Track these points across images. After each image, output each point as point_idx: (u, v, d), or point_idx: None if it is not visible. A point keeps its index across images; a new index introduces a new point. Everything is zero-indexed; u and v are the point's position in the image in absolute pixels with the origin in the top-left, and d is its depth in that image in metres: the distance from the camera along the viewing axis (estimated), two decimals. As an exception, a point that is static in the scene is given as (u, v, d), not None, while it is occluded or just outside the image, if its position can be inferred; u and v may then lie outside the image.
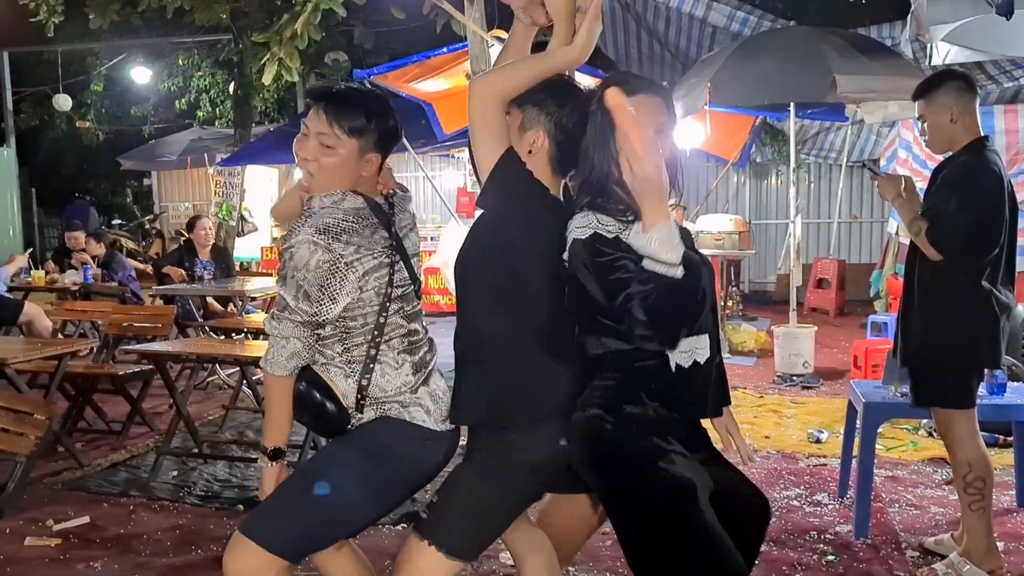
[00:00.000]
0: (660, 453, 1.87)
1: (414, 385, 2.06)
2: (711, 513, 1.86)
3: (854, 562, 3.21)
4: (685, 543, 1.84)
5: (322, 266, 1.93)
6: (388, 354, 2.04)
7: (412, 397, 2.04)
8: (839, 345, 7.86)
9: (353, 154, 2.01)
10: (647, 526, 1.88)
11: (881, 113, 6.73)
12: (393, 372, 2.03)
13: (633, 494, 1.89)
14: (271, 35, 7.87)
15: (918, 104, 3.05)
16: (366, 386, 2.02)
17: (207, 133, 14.37)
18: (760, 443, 4.79)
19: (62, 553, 3.35)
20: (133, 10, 10.06)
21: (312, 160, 2.01)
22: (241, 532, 1.98)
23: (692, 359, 1.92)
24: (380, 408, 2.04)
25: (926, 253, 2.91)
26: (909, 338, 3.06)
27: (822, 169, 12.10)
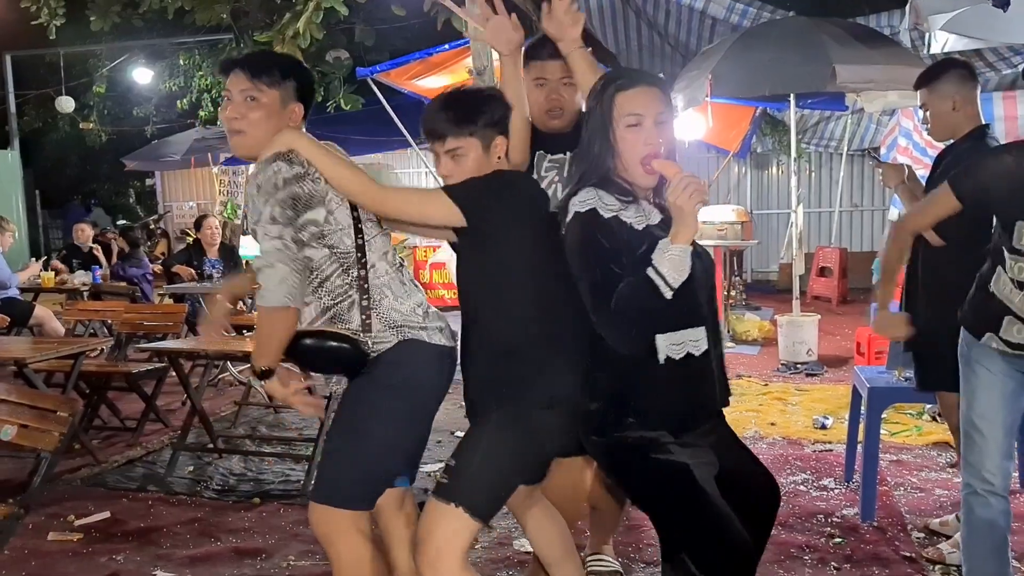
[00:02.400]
0: (653, 446, 1.93)
1: (424, 305, 2.19)
2: (713, 492, 1.94)
3: (861, 544, 3.28)
4: (687, 520, 1.93)
5: (291, 180, 2.03)
6: (393, 278, 2.17)
7: (426, 318, 2.17)
8: (842, 333, 7.92)
9: (276, 104, 2.13)
10: (654, 508, 2.02)
11: (881, 102, 6.78)
12: (404, 294, 2.17)
13: (636, 482, 2.01)
14: (273, 34, 7.90)
15: (920, 93, 3.09)
16: (368, 307, 2.12)
17: (210, 132, 14.40)
18: (766, 430, 4.85)
19: (85, 547, 3.42)
20: (134, 11, 10.09)
21: (240, 118, 2.11)
22: (311, 499, 2.14)
23: (684, 351, 1.93)
24: (400, 332, 2.14)
25: (929, 239, 2.95)
26: (915, 323, 3.10)
27: (823, 158, 12.14)
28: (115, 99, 16.09)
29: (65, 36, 10.98)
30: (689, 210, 1.80)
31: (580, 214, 1.91)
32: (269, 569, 3.19)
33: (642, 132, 1.93)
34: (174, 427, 5.11)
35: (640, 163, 1.94)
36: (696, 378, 1.97)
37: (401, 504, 2.39)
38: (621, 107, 1.94)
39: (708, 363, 1.98)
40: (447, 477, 2.08)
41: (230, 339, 5.22)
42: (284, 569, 3.18)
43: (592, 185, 1.95)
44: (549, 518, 2.44)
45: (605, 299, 1.85)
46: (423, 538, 2.08)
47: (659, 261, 1.82)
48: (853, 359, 6.42)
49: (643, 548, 3.25)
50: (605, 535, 2.96)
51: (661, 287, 1.81)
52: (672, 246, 1.82)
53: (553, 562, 2.45)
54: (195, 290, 6.45)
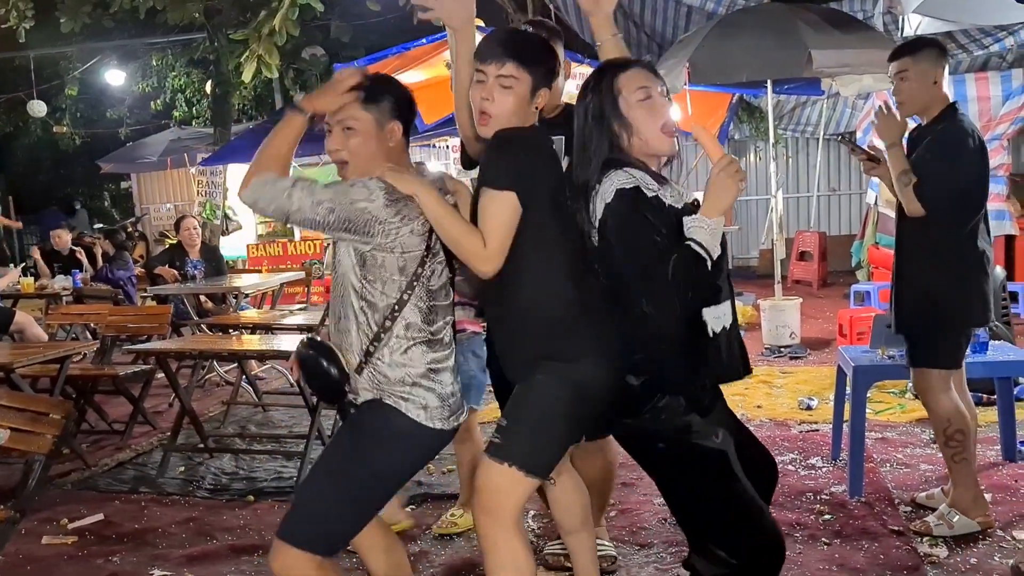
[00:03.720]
0: (687, 431, 2.00)
1: (417, 379, 2.10)
2: (743, 476, 2.01)
3: (850, 519, 3.34)
4: (726, 505, 1.98)
5: (363, 212, 2.01)
6: (401, 341, 2.08)
7: (412, 390, 2.09)
8: (823, 315, 8.01)
9: (372, 127, 2.10)
10: (690, 492, 2.06)
11: (856, 86, 6.85)
12: (401, 360, 2.08)
13: (674, 465, 2.06)
14: (249, 32, 7.88)
15: (902, 61, 3.03)
16: (372, 352, 2.08)
17: (186, 133, 14.32)
18: (753, 413, 4.91)
19: (80, 550, 3.42)
20: (104, 12, 10.02)
21: (341, 148, 2.11)
22: (278, 537, 2.09)
23: (722, 325, 2.04)
24: (380, 391, 2.10)
25: (908, 208, 2.98)
26: (903, 303, 3.14)
27: (800, 143, 12.24)
28: (88, 101, 15.94)
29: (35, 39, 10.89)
30: (731, 188, 1.91)
31: (625, 191, 1.96)
32: (266, 566, 3.19)
33: (656, 104, 2.03)
34: (162, 429, 5.10)
35: (660, 130, 2.02)
36: (727, 348, 2.06)
37: None
38: (627, 86, 2.01)
39: (734, 334, 2.09)
40: (499, 437, 2.11)
41: (216, 339, 5.22)
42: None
43: (623, 167, 2.00)
44: (573, 486, 2.49)
45: (661, 273, 1.90)
46: (479, 490, 2.12)
47: (696, 233, 1.91)
48: (835, 341, 6.50)
49: (636, 531, 3.29)
50: (595, 514, 2.94)
51: (704, 256, 1.90)
52: (703, 219, 1.92)
53: (569, 530, 2.50)
54: (181, 291, 6.43)
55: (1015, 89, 7.28)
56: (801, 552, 3.07)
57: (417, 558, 3.14)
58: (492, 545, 2.11)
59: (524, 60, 2.10)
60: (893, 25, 7.27)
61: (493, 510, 2.10)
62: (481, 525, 2.13)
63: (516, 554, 2.11)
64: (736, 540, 1.94)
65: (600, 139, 2.03)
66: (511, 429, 2.10)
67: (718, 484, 1.98)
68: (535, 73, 2.12)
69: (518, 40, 2.20)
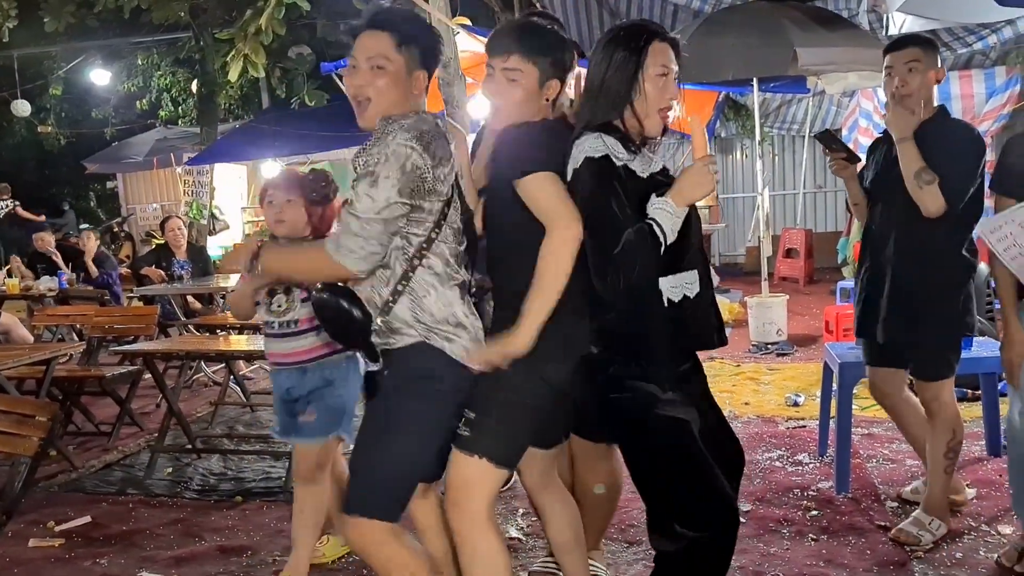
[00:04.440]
0: (654, 400, 2.03)
1: (462, 317, 2.09)
2: (704, 450, 2.05)
3: (837, 515, 3.36)
4: (684, 473, 2.03)
5: (415, 171, 1.97)
6: (443, 281, 2.07)
7: (456, 331, 2.07)
8: (810, 312, 8.05)
9: (402, 71, 2.06)
10: (651, 461, 2.09)
11: (842, 84, 6.89)
12: (446, 299, 2.07)
13: (636, 435, 2.10)
14: (235, 31, 7.85)
15: (912, 51, 2.89)
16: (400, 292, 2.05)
17: (172, 133, 14.24)
18: (740, 409, 4.94)
19: (67, 552, 3.40)
20: (89, 11, 9.95)
21: (367, 85, 2.05)
22: (344, 512, 2.11)
23: (682, 294, 2.06)
24: (426, 333, 2.06)
25: (927, 206, 2.82)
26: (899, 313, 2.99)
27: (785, 141, 12.29)
28: (72, 101, 15.84)
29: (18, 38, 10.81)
30: (706, 184, 1.96)
31: (594, 160, 1.98)
32: (256, 566, 3.20)
33: (668, 83, 2.06)
34: (150, 430, 5.08)
35: (658, 111, 2.05)
36: (692, 318, 2.09)
37: (424, 492, 2.37)
38: (655, 57, 2.04)
39: (702, 303, 2.11)
40: (467, 429, 2.11)
41: (204, 339, 5.20)
42: (271, 565, 3.19)
43: (596, 130, 2.02)
44: (563, 503, 2.46)
45: (613, 244, 1.94)
46: (450, 486, 2.13)
47: (658, 214, 1.95)
48: (822, 337, 6.54)
49: (625, 528, 3.30)
50: (592, 539, 2.83)
51: (660, 237, 1.95)
52: (670, 204, 1.96)
53: (561, 548, 2.47)
54: (168, 291, 6.40)
55: (998, 86, 7.35)
56: (788, 548, 3.09)
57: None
58: (465, 540, 2.12)
59: (529, 51, 2.09)
60: (878, 23, 7.32)
61: (464, 504, 2.11)
62: (454, 520, 2.14)
63: (490, 548, 2.12)
64: (693, 512, 1.98)
65: (607, 91, 2.05)
66: (479, 421, 2.09)
67: (677, 452, 2.02)
68: (542, 64, 2.10)
69: (523, 31, 2.15)
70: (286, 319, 2.84)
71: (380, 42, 2.04)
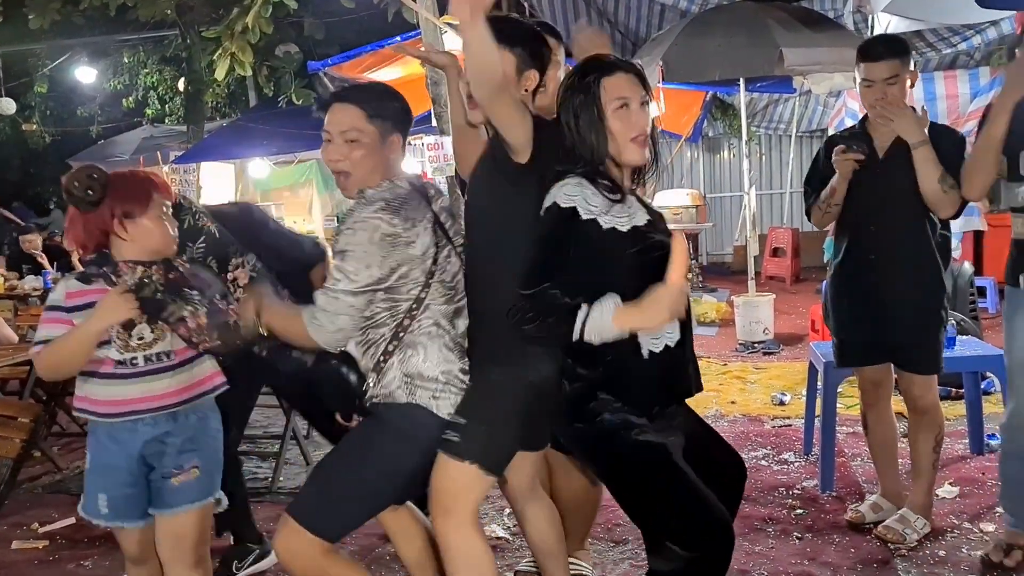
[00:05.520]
0: (630, 426, 1.99)
1: (449, 375, 2.11)
2: (689, 470, 2.00)
3: (821, 514, 3.38)
4: (669, 496, 1.98)
5: (386, 239, 2.00)
6: (435, 338, 2.10)
7: (444, 388, 2.10)
8: (796, 311, 8.09)
9: (376, 140, 2.09)
10: (634, 487, 2.04)
11: (828, 84, 6.92)
12: (437, 359, 2.09)
13: (614, 465, 2.05)
14: (222, 30, 7.81)
15: (892, 64, 2.88)
16: (391, 352, 2.08)
17: (158, 131, 14.17)
18: (727, 408, 4.96)
19: (51, 554, 3.38)
20: (74, 8, 9.89)
21: (343, 159, 2.09)
22: (287, 513, 2.09)
23: (663, 344, 2.01)
24: (413, 392, 2.09)
25: (946, 210, 2.86)
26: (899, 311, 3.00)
27: (772, 140, 12.35)
28: (58, 99, 15.72)
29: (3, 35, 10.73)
30: (662, 317, 1.86)
31: (560, 209, 1.95)
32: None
33: (631, 114, 1.99)
34: (136, 430, 5.05)
35: (631, 141, 2.00)
36: (673, 366, 2.05)
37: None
38: (608, 92, 1.99)
39: (683, 351, 2.06)
40: (456, 435, 2.10)
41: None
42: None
43: (581, 175, 1.98)
44: (546, 510, 2.47)
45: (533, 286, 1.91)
46: (436, 490, 2.13)
47: (594, 318, 1.88)
48: (808, 336, 6.57)
49: (612, 528, 3.31)
50: (577, 539, 2.87)
51: (576, 330, 1.89)
52: (609, 320, 1.87)
53: (543, 553, 2.48)
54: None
55: (983, 87, 7.39)
56: (773, 547, 3.11)
57: (393, 558, 3.13)
58: (452, 546, 2.13)
59: (499, 40, 2.05)
60: (863, 24, 7.35)
61: (452, 509, 2.11)
62: (440, 526, 2.14)
63: (477, 552, 2.12)
64: (685, 532, 1.95)
65: (582, 139, 2.01)
66: (469, 427, 2.09)
67: (660, 476, 1.98)
68: (515, 53, 2.10)
69: (493, 22, 2.12)
70: (154, 351, 2.19)
71: (351, 115, 2.09)
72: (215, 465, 2.29)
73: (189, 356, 2.22)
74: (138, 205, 2.15)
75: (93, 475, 2.23)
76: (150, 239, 2.18)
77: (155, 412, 2.18)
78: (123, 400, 2.16)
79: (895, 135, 2.93)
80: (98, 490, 2.22)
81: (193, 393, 2.24)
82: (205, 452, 2.26)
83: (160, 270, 2.22)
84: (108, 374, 2.16)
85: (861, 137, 3.05)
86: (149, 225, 2.17)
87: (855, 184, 3.01)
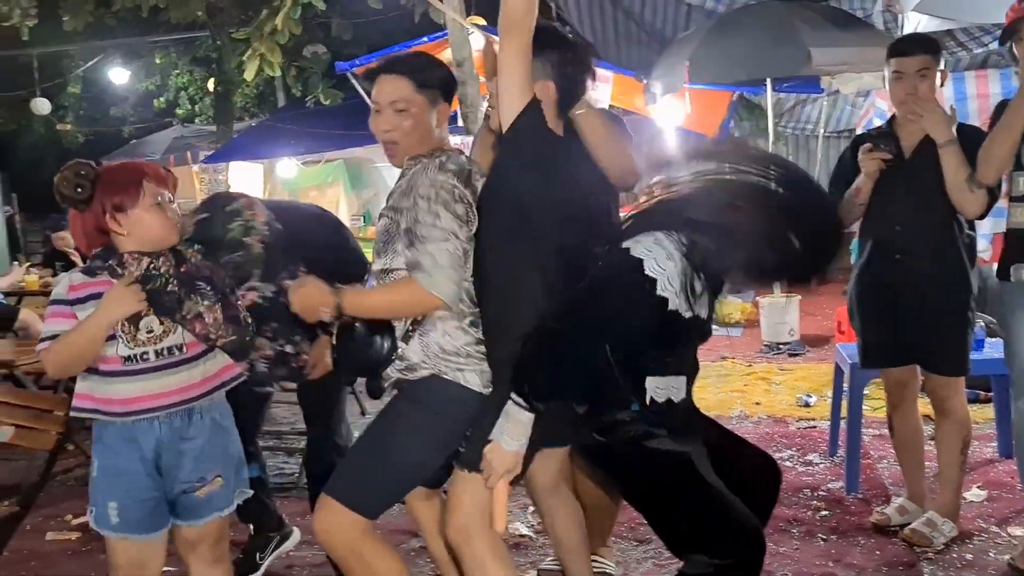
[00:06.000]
0: (648, 436, 1.98)
1: (470, 347, 2.11)
2: (713, 478, 1.98)
3: (846, 515, 3.36)
4: (693, 505, 1.96)
5: (463, 198, 2.04)
6: (450, 313, 2.09)
7: (467, 361, 2.10)
8: (823, 312, 8.03)
9: (424, 109, 2.12)
10: (657, 498, 2.02)
11: (856, 83, 6.86)
12: (455, 331, 2.09)
13: (637, 475, 2.03)
14: (251, 31, 7.91)
15: (923, 58, 2.89)
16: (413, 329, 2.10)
17: (188, 131, 14.37)
18: (751, 409, 4.94)
19: (83, 545, 3.45)
20: (107, 10, 10.06)
21: (393, 129, 2.12)
22: (325, 492, 2.11)
23: (667, 396, 1.99)
24: (436, 366, 2.09)
25: (972, 210, 2.85)
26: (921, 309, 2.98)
27: (800, 140, 12.24)
28: (91, 100, 15.99)
29: (38, 37, 10.91)
30: None
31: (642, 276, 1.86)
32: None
33: None
34: (165, 425, 5.12)
35: None
36: (678, 417, 2.03)
37: (428, 495, 2.43)
38: None
39: (684, 408, 2.05)
40: (465, 446, 2.12)
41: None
42: (283, 560, 3.22)
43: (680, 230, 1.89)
44: (570, 507, 2.47)
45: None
46: (452, 505, 2.15)
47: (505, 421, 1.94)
48: (834, 338, 6.52)
49: (636, 527, 3.31)
50: (600, 537, 2.87)
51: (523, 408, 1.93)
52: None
53: (566, 552, 2.49)
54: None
55: (1015, 86, 7.29)
56: (798, 548, 3.10)
57: (418, 553, 3.17)
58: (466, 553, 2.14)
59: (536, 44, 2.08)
60: (893, 23, 7.27)
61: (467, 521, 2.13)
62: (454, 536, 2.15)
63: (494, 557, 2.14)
64: (713, 540, 1.92)
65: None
66: (473, 437, 2.10)
67: (683, 485, 1.95)
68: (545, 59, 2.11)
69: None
70: (165, 345, 2.08)
71: (399, 85, 2.11)
72: (235, 466, 2.21)
73: (203, 349, 2.13)
74: (127, 197, 2.06)
75: (101, 482, 2.11)
76: (147, 230, 2.08)
77: (172, 408, 2.08)
78: (136, 397, 2.05)
79: (923, 134, 2.91)
80: (108, 498, 2.10)
81: (211, 386, 2.15)
82: (224, 457, 2.17)
83: (169, 261, 2.12)
84: (116, 371, 2.05)
85: (888, 136, 3.03)
86: (143, 216, 2.07)
87: (881, 183, 2.99)
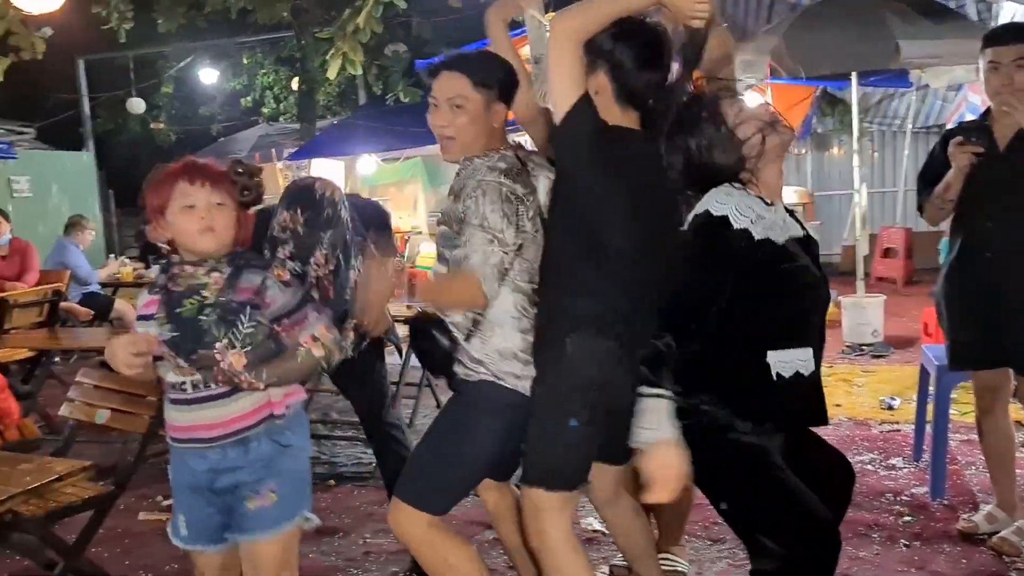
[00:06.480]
0: (727, 427, 1.96)
1: (526, 353, 2.15)
2: (787, 470, 1.96)
3: (931, 522, 3.27)
4: (766, 495, 1.94)
5: (513, 197, 2.08)
6: (509, 318, 2.14)
7: (524, 368, 2.14)
8: (909, 314, 7.77)
9: (481, 107, 2.16)
10: (731, 488, 2.01)
11: (947, 77, 6.63)
12: (512, 334, 2.14)
13: (712, 463, 1.99)
14: (334, 30, 8.07)
15: (1022, 48, 2.78)
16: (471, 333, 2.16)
17: (273, 129, 14.76)
18: (831, 411, 4.78)
19: (173, 526, 3.60)
20: (199, 13, 10.44)
21: (448, 125, 2.17)
22: (395, 495, 2.22)
23: (794, 370, 1.94)
24: (494, 370, 2.14)
25: None
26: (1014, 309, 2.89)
27: (886, 136, 11.86)
28: (182, 99, 16.57)
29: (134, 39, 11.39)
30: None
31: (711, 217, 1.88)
32: (347, 547, 3.33)
33: None
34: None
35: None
36: (798, 396, 1.98)
37: (498, 485, 2.48)
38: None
39: (815, 383, 2.00)
40: (523, 462, 2.17)
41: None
42: (361, 547, 3.32)
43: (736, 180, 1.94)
44: (630, 514, 2.47)
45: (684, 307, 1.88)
46: (527, 522, 2.20)
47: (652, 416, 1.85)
48: (920, 340, 6.31)
49: (710, 526, 3.28)
50: (673, 535, 2.87)
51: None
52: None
53: (633, 557, 2.50)
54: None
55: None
56: (878, 553, 3.03)
57: (492, 544, 3.21)
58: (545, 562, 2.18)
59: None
60: (987, 12, 6.99)
61: (536, 529, 2.16)
62: (533, 541, 2.19)
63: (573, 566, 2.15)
64: (783, 529, 1.89)
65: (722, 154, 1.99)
66: (528, 453, 2.15)
67: (759, 477, 1.93)
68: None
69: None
70: (198, 378, 1.92)
71: (458, 82, 2.15)
72: (297, 488, 2.05)
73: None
74: (158, 199, 1.92)
75: (175, 495, 2.09)
76: (179, 236, 1.91)
77: (221, 440, 1.93)
78: (185, 426, 1.96)
79: (1018, 127, 2.80)
80: (179, 510, 2.08)
81: (258, 418, 1.95)
82: (284, 475, 2.00)
83: (221, 278, 1.90)
84: (169, 397, 1.97)
85: (981, 130, 2.93)
86: (174, 220, 1.91)
87: (972, 178, 2.89)
